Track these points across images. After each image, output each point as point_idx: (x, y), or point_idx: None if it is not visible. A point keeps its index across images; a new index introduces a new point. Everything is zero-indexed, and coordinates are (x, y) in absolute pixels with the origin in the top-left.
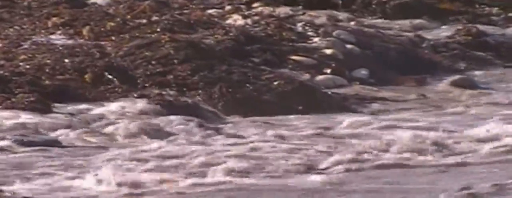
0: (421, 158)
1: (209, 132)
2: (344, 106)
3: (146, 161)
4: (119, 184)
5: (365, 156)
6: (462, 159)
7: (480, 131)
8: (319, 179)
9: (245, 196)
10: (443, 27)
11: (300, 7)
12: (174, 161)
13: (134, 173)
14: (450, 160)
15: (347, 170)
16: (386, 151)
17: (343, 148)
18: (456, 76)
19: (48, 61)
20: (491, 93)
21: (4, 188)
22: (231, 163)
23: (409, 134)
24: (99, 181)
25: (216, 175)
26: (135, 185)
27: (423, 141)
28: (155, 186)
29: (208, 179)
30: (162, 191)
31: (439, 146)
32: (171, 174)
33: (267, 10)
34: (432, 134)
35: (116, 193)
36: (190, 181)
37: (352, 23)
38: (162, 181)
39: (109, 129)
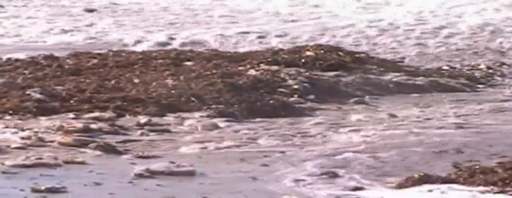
0: None
1: (236, 125)
2: (303, 113)
3: (209, 140)
4: None
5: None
6: None
7: None
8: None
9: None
10: None
11: (282, 65)
12: (218, 136)
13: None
14: None
15: None
16: None
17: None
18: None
19: (164, 91)
20: None
21: None
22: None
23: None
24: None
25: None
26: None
27: None
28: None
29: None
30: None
31: None
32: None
33: (267, 67)
34: None
35: None
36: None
37: (307, 73)
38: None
39: (190, 124)
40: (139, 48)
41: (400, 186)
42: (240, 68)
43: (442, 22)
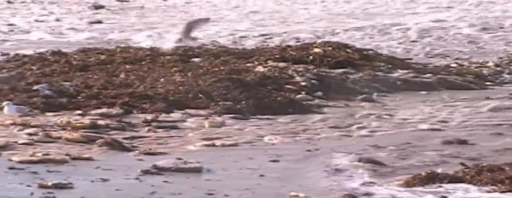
0: None
1: (244, 122)
2: (311, 110)
3: (216, 137)
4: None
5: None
6: None
7: None
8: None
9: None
10: None
11: (290, 62)
12: (225, 133)
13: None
14: None
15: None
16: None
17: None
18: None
19: (172, 87)
20: None
21: None
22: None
23: None
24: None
25: (247, 138)
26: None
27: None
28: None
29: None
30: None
31: None
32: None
33: (275, 64)
34: None
35: None
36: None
37: (315, 70)
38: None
39: (198, 120)
40: (146, 45)
41: (407, 184)
42: (248, 65)
43: None
